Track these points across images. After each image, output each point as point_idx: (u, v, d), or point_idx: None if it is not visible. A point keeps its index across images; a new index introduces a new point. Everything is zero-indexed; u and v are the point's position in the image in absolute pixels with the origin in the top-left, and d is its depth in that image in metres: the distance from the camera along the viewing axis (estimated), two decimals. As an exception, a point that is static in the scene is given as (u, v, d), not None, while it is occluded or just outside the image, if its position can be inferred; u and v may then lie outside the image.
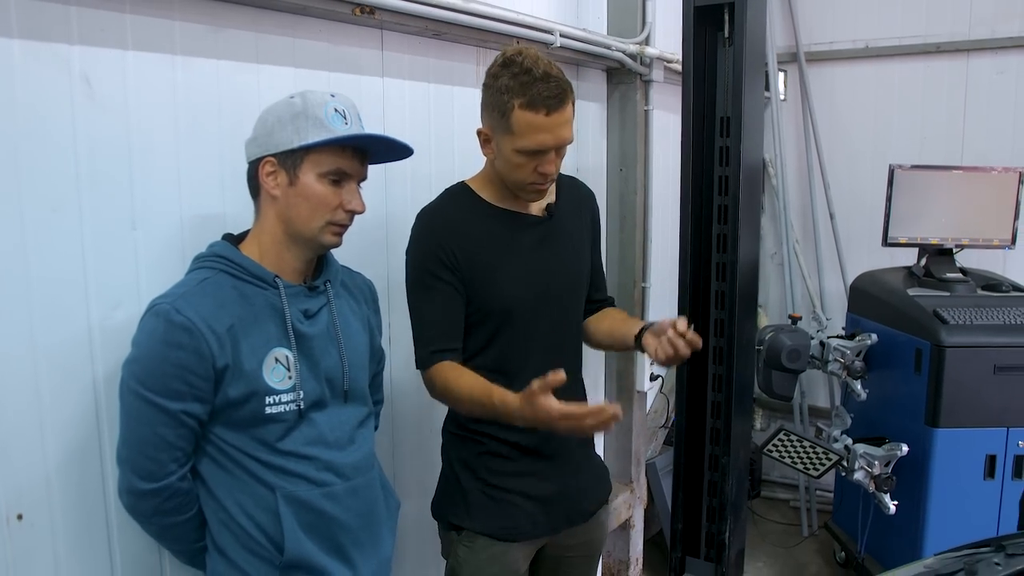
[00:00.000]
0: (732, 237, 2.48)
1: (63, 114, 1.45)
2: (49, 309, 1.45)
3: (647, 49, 3.01)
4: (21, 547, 1.43)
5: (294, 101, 1.44)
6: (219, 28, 1.69)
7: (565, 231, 1.91)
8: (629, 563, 3.42)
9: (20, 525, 1.43)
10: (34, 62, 1.40)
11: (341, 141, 1.43)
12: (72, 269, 1.48)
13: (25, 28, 1.38)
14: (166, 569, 1.68)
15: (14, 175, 1.38)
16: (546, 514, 1.87)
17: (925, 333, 2.96)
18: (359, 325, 1.64)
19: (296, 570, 1.48)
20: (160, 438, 1.39)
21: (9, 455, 1.41)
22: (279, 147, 1.43)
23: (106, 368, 1.53)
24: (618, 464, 3.35)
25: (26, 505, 1.44)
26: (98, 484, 1.55)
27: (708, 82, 2.52)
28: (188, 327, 1.35)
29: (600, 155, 3.17)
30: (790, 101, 4.37)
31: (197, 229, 1.63)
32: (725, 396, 2.55)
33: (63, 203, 1.46)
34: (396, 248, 2.01)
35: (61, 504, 1.49)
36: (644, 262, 3.22)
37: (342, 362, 1.55)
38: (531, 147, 1.68)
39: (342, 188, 1.47)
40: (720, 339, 2.57)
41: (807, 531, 4.07)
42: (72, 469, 1.50)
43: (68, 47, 1.45)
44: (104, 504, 1.56)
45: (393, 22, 2.04)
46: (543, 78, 1.65)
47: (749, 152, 2.46)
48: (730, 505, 2.61)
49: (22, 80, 1.38)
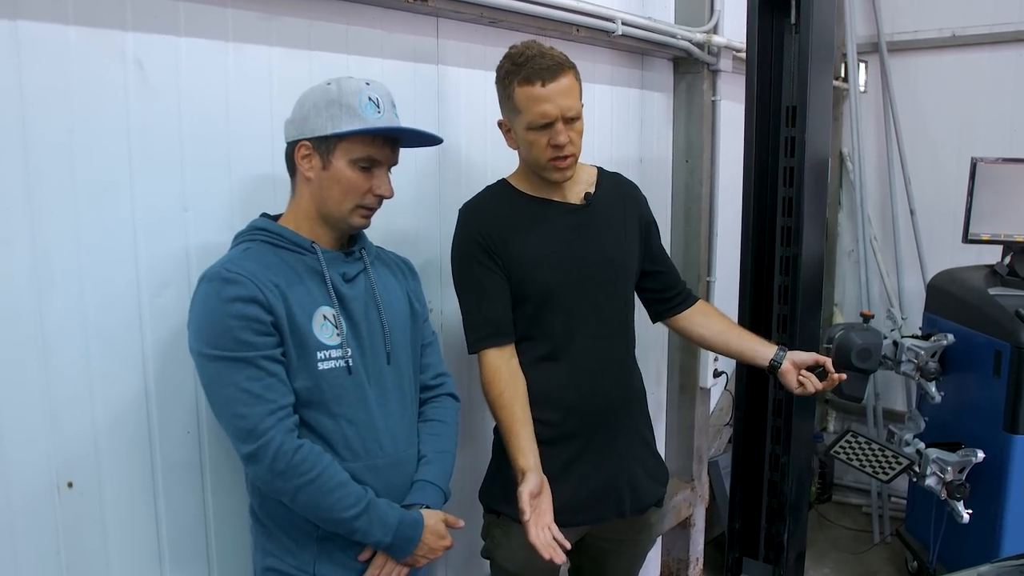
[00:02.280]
0: (796, 230, 2.41)
1: (116, 98, 1.50)
2: (100, 286, 1.50)
3: (714, 38, 2.94)
4: (71, 514, 1.49)
5: (330, 88, 1.48)
6: (272, 16, 1.72)
7: (604, 219, 1.93)
8: (689, 562, 3.35)
9: (70, 493, 1.49)
10: (88, 48, 1.45)
11: (371, 132, 1.47)
12: (123, 248, 1.53)
13: (81, 15, 1.44)
14: (211, 539, 1.73)
15: (68, 157, 1.44)
16: (589, 505, 1.87)
17: (1005, 334, 2.81)
18: (399, 292, 1.67)
19: (332, 541, 1.51)
20: (246, 393, 1.39)
21: (61, 426, 1.47)
22: (314, 132, 1.47)
23: (155, 344, 1.58)
24: (679, 461, 3.29)
25: (76, 474, 1.50)
26: (146, 455, 1.60)
27: (775, 71, 2.45)
28: (240, 280, 1.40)
29: (665, 146, 3.11)
30: (870, 93, 4.21)
31: (247, 212, 1.66)
32: (787, 394, 2.48)
33: (115, 184, 1.51)
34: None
35: (110, 473, 1.55)
36: (709, 256, 3.15)
37: (383, 324, 1.58)
38: (536, 120, 1.74)
39: (372, 174, 1.52)
40: (783, 335, 2.50)
41: (878, 538, 3.92)
42: (121, 441, 1.56)
43: (122, 33, 1.50)
44: (152, 474, 1.61)
45: (448, 9, 2.05)
46: (538, 56, 1.74)
47: (815, 142, 2.38)
48: (789, 506, 2.54)
49: (77, 65, 1.44)
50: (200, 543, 1.72)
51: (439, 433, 1.69)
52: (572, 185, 1.91)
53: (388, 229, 1.96)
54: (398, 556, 1.53)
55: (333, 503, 1.44)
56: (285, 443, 1.40)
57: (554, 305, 1.86)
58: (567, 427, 1.85)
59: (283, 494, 1.44)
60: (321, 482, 1.42)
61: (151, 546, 1.63)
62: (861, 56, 4.15)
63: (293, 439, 1.42)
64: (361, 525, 1.46)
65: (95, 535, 1.53)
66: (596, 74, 2.70)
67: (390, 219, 1.96)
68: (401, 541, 1.51)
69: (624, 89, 2.87)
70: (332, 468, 1.45)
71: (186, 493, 1.68)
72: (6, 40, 1.35)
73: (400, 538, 1.51)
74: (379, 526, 1.48)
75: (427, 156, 2.11)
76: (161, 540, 1.64)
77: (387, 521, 1.49)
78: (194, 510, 1.69)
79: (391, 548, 1.51)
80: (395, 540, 1.50)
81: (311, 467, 1.42)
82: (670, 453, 3.30)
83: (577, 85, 1.78)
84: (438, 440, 1.68)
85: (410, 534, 1.52)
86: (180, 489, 1.66)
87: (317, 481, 1.42)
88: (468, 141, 2.25)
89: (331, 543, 1.50)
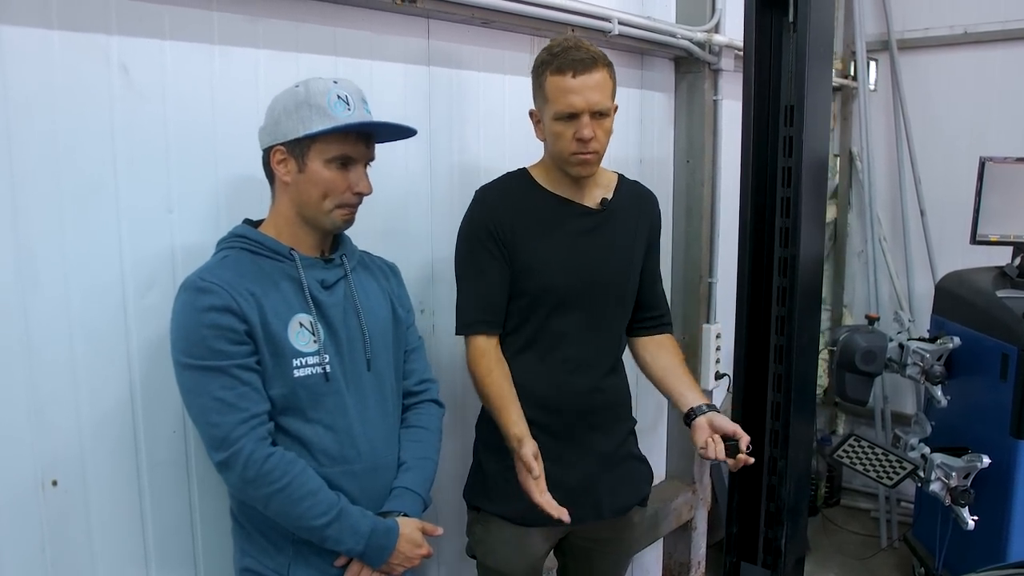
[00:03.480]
0: (793, 230, 2.38)
1: (101, 102, 1.51)
2: (86, 287, 1.52)
3: (715, 37, 2.92)
4: (55, 512, 1.51)
5: (298, 90, 1.48)
6: (257, 18, 1.73)
7: (616, 226, 1.92)
8: (690, 566, 3.33)
9: (55, 491, 1.51)
10: (73, 52, 1.47)
11: (340, 129, 1.47)
12: (108, 249, 1.55)
13: (65, 19, 1.45)
14: (198, 539, 1.74)
15: (53, 159, 1.46)
16: (568, 504, 1.85)
17: (1013, 337, 2.76)
18: (380, 298, 1.67)
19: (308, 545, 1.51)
20: (219, 401, 1.41)
21: (46, 424, 1.49)
22: (286, 136, 1.48)
23: (140, 344, 1.60)
24: (680, 464, 3.28)
25: (61, 472, 1.52)
26: (131, 454, 1.62)
27: (773, 69, 2.43)
28: (214, 289, 1.41)
29: (666, 146, 3.10)
30: (880, 91, 4.16)
31: (233, 213, 1.67)
32: (785, 397, 2.46)
33: (100, 186, 1.53)
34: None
35: (95, 472, 1.56)
36: (711, 257, 3.13)
37: (363, 330, 1.58)
38: (563, 110, 1.73)
39: (349, 171, 1.52)
40: (781, 337, 2.48)
41: (885, 543, 3.88)
42: (106, 439, 1.58)
43: (107, 37, 1.51)
44: (136, 473, 1.63)
45: (439, 11, 2.04)
46: (573, 48, 1.74)
47: (813, 142, 2.35)
48: (787, 510, 2.51)
49: (61, 69, 1.45)
50: (187, 542, 1.73)
51: (421, 440, 1.69)
52: (591, 188, 1.90)
53: (379, 229, 1.97)
54: (372, 564, 1.52)
55: (303, 511, 1.44)
56: (256, 451, 1.41)
57: (549, 305, 1.85)
58: (543, 423, 1.84)
59: (255, 501, 1.46)
60: (291, 490, 1.43)
61: (137, 544, 1.65)
62: (871, 54, 4.10)
63: (264, 447, 1.43)
64: (332, 533, 1.46)
65: (80, 532, 1.55)
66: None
67: (380, 220, 1.97)
68: (374, 550, 1.51)
69: (623, 89, 2.83)
70: (303, 476, 1.45)
71: (172, 492, 1.69)
72: (-11, 44, 1.37)
73: (373, 547, 1.50)
74: (350, 534, 1.48)
75: (418, 156, 2.12)
76: (147, 538, 1.65)
77: (359, 529, 1.49)
78: (180, 509, 1.70)
79: (364, 556, 1.51)
80: (367, 548, 1.50)
81: (281, 475, 1.42)
82: (671, 455, 3.29)
83: (610, 83, 1.77)
84: (419, 447, 1.68)
85: (383, 543, 1.51)
86: (166, 488, 1.68)
87: (287, 489, 1.43)
88: (460, 141, 2.25)
89: (307, 547, 1.51)
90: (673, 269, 3.16)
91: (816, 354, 2.67)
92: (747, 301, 2.49)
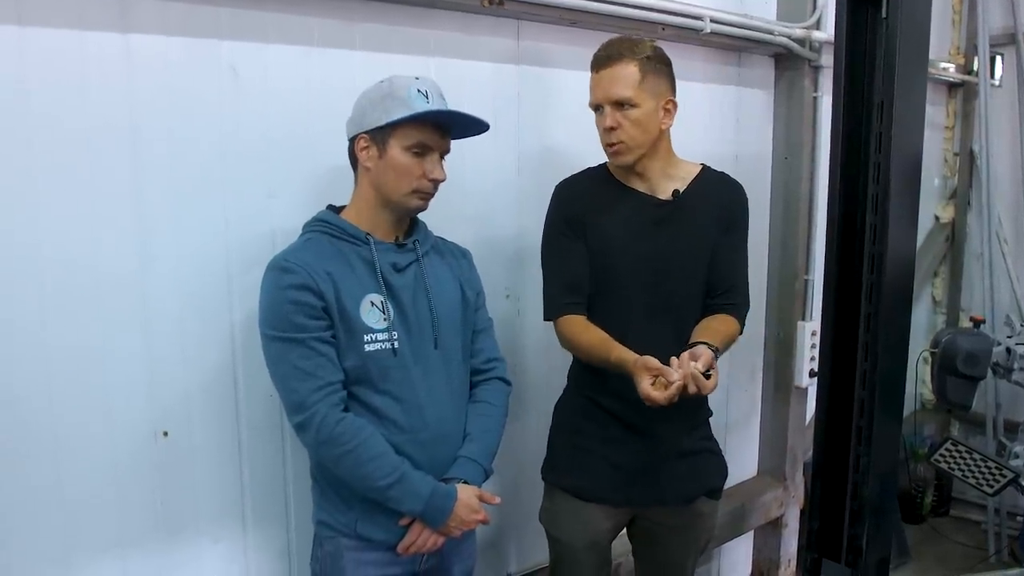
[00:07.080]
0: (882, 227, 2.35)
1: (212, 100, 1.72)
2: (196, 264, 1.74)
3: (815, 33, 2.90)
4: (165, 460, 1.73)
5: (382, 85, 1.62)
6: (353, 23, 1.90)
7: (688, 216, 1.93)
8: (780, 563, 3.32)
9: (166, 441, 1.73)
10: (188, 56, 1.67)
11: (418, 117, 1.59)
12: (216, 232, 1.76)
13: (182, 27, 1.66)
14: (289, 487, 1.94)
15: (170, 154, 1.67)
16: (627, 485, 1.92)
17: None
18: (451, 281, 1.77)
19: (375, 504, 1.64)
20: (298, 370, 1.55)
21: (158, 382, 1.71)
22: (370, 125, 1.61)
23: (242, 316, 1.80)
24: (771, 460, 3.27)
25: (172, 424, 1.73)
26: (232, 414, 1.82)
27: (867, 65, 2.40)
28: (294, 269, 1.56)
29: (764, 143, 3.10)
30: (1005, 87, 3.97)
31: (325, 200, 1.81)
32: (870, 394, 2.43)
33: (210, 176, 1.73)
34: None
35: (201, 427, 1.78)
36: (808, 254, 3.11)
37: (431, 311, 1.69)
38: (591, 105, 1.88)
39: (425, 159, 1.63)
40: (867, 334, 2.45)
41: (993, 556, 3.72)
42: (211, 399, 1.79)
43: (218, 42, 1.71)
44: (236, 427, 1.83)
45: (528, 12, 2.15)
46: (605, 45, 1.85)
47: (903, 139, 2.31)
48: (869, 508, 2.48)
49: (178, 71, 1.67)
50: (279, 497, 1.93)
51: (486, 414, 1.79)
52: (663, 179, 1.93)
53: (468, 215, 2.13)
54: (432, 524, 1.64)
55: (369, 472, 1.58)
56: (328, 415, 1.55)
57: (616, 293, 1.90)
58: (614, 410, 1.91)
59: (328, 461, 1.61)
60: (359, 452, 1.56)
61: (235, 495, 1.86)
62: (996, 48, 3.92)
63: (336, 412, 1.56)
64: (394, 494, 1.59)
65: (185, 480, 1.77)
66: (688, 71, 2.72)
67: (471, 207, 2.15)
68: (433, 511, 1.62)
69: (718, 86, 2.88)
70: (371, 440, 1.58)
71: (267, 452, 1.89)
72: (119, 52, 1.59)
73: (432, 508, 1.62)
74: (411, 496, 1.60)
75: (507, 150, 2.26)
76: (244, 486, 1.86)
77: (419, 492, 1.61)
78: (274, 463, 1.90)
79: (424, 516, 1.63)
80: (427, 509, 1.62)
81: (351, 438, 1.56)
82: (763, 451, 3.29)
83: (636, 74, 1.80)
84: (484, 420, 1.78)
85: (441, 505, 1.63)
86: (262, 447, 1.88)
87: (355, 451, 1.56)
88: (549, 138, 2.36)
89: (374, 506, 1.63)
90: (769, 265, 3.16)
91: (905, 353, 2.61)
92: (834, 298, 2.48)
